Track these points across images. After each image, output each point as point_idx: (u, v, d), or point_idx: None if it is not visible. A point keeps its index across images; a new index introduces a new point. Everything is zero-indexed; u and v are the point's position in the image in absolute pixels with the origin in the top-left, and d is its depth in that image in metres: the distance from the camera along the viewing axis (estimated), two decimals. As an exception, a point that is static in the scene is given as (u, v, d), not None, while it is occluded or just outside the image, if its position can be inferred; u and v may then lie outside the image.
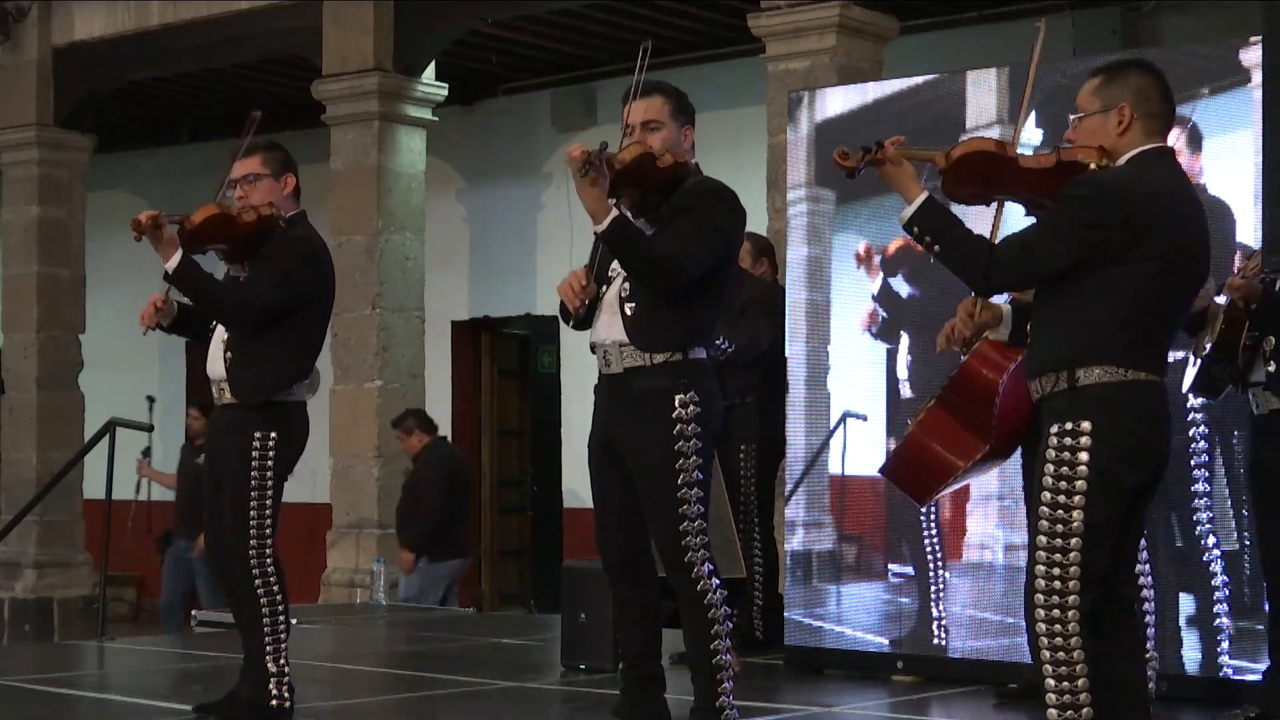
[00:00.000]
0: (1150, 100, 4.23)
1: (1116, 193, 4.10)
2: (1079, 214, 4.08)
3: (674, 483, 4.88)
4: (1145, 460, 4.14)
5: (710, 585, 4.91)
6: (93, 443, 9.92)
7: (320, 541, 11.20)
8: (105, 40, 12.41)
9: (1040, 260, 4.13)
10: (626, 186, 4.91)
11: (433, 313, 11.69)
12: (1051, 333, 4.18)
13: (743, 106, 10.99)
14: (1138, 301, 4.08)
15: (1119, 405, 4.07)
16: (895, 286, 6.94)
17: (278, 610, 5.52)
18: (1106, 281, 4.07)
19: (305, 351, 5.60)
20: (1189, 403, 6.06)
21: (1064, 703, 4.05)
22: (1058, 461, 4.09)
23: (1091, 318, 4.09)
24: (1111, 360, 4.07)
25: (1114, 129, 4.20)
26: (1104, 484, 4.05)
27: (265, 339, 5.50)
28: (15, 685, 6.87)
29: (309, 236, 5.64)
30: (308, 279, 5.55)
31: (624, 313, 4.93)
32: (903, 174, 4.25)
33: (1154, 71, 4.28)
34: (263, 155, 5.64)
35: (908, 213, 4.21)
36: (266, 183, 5.61)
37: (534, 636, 8.75)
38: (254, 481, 5.48)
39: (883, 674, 6.85)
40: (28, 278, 12.68)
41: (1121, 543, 4.15)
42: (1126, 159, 4.19)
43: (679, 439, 4.88)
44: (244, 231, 5.54)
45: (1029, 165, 4.25)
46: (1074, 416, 4.08)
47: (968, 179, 4.27)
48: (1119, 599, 4.18)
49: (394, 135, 11.11)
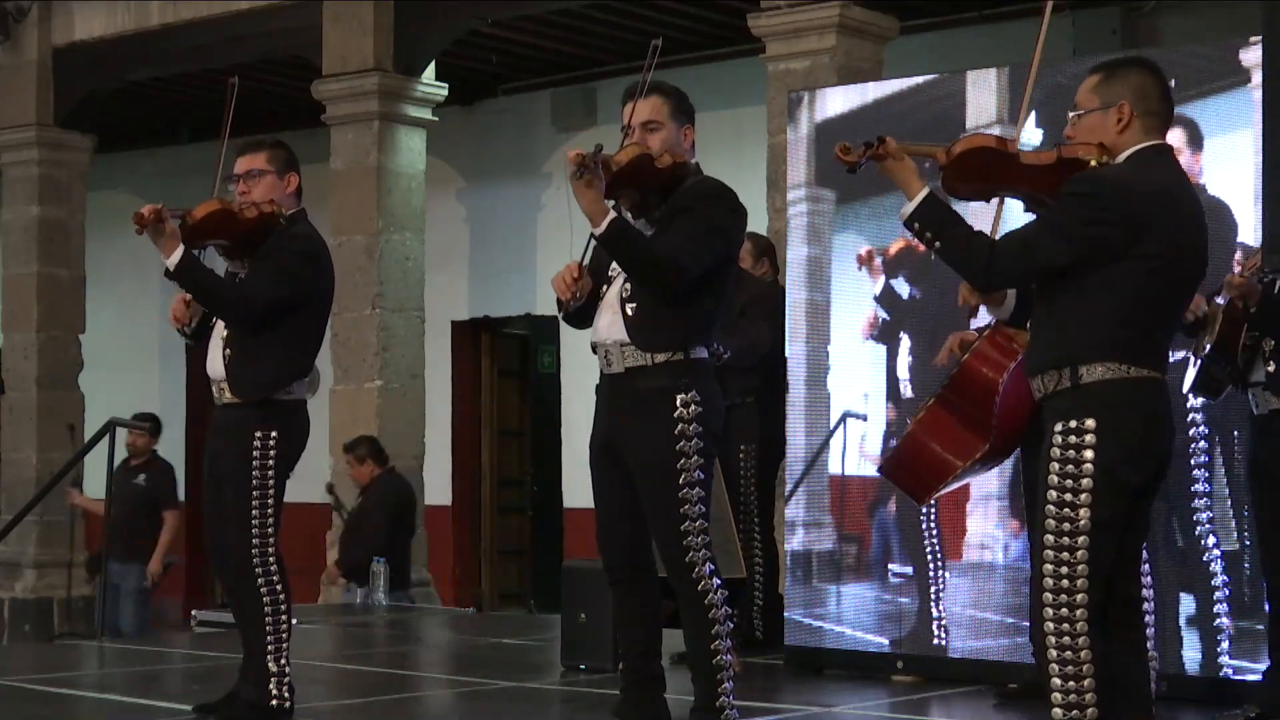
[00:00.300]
0: (1150, 98, 4.22)
1: (1118, 190, 4.10)
2: (1080, 211, 4.08)
3: (675, 482, 4.87)
4: (1148, 458, 4.14)
5: (711, 585, 4.91)
6: (93, 443, 9.91)
7: (320, 542, 11.19)
8: (105, 40, 12.41)
9: (1041, 257, 4.13)
10: (625, 188, 4.91)
11: (433, 313, 11.69)
12: (1052, 331, 4.18)
13: (743, 106, 10.99)
14: (1139, 299, 4.08)
15: (1122, 403, 4.07)
16: (896, 287, 6.94)
17: (280, 610, 5.51)
18: (1107, 279, 4.07)
19: (305, 350, 5.60)
20: (1188, 403, 6.06)
21: (1069, 702, 4.04)
22: (1063, 460, 4.09)
23: (1092, 316, 4.09)
24: (1114, 358, 4.07)
25: (1113, 127, 4.20)
26: (1108, 482, 4.05)
27: (265, 337, 5.49)
28: (15, 685, 6.87)
29: (310, 234, 5.63)
30: (309, 277, 5.55)
31: (625, 312, 4.93)
32: (904, 169, 4.25)
33: (1154, 70, 4.28)
34: (268, 152, 5.64)
35: (908, 209, 4.21)
36: (269, 179, 5.60)
37: (534, 636, 8.75)
38: (255, 481, 5.47)
39: (883, 674, 6.85)
40: (28, 278, 12.68)
41: (1125, 541, 4.15)
42: (1126, 156, 4.19)
43: (680, 439, 4.87)
44: (245, 228, 5.54)
45: (1030, 162, 4.25)
46: (1078, 414, 4.08)
47: (968, 175, 4.27)
48: (1123, 598, 4.17)
49: (394, 135, 11.11)
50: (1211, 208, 6.17)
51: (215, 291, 5.51)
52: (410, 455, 11.14)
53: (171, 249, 5.39)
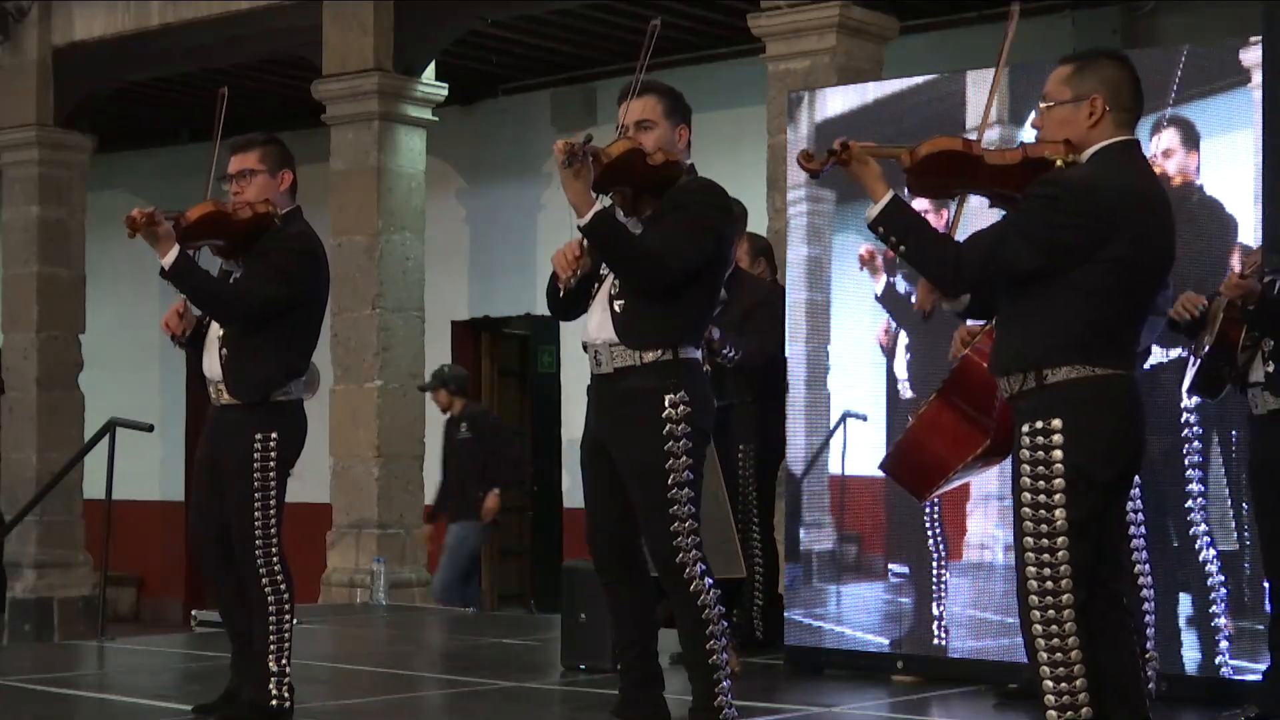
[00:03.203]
0: (1122, 93, 4.19)
1: (1085, 193, 4.06)
2: (1046, 215, 4.06)
3: (665, 483, 4.86)
4: (1118, 454, 4.12)
5: (704, 585, 4.90)
6: (93, 443, 9.92)
7: (320, 541, 11.20)
8: (105, 40, 12.41)
9: (1008, 261, 4.10)
10: (616, 183, 4.90)
11: (433, 313, 11.69)
12: (1017, 332, 4.16)
13: (743, 106, 10.99)
14: (1104, 301, 4.06)
15: (1088, 401, 4.06)
16: (897, 286, 6.93)
17: (284, 610, 5.51)
18: (1073, 281, 4.05)
19: (301, 349, 5.60)
20: (1182, 403, 6.07)
21: (1063, 704, 4.04)
22: (1033, 461, 4.08)
23: (1058, 317, 4.06)
24: (1079, 359, 4.05)
25: (1085, 121, 4.16)
26: (1080, 480, 4.04)
27: (261, 337, 5.49)
28: (15, 685, 6.87)
29: (305, 233, 5.63)
30: (305, 276, 5.55)
31: (614, 310, 4.93)
32: (868, 173, 4.24)
33: (1126, 63, 4.24)
34: (260, 151, 5.63)
35: (873, 212, 4.20)
36: (262, 179, 5.59)
37: (534, 636, 8.75)
38: (257, 482, 5.47)
39: (883, 674, 6.85)
40: (28, 278, 12.68)
41: (1104, 537, 4.15)
42: (1093, 152, 4.15)
43: (669, 439, 4.87)
44: (239, 228, 5.54)
45: (995, 162, 4.23)
46: (1044, 415, 4.07)
47: (933, 176, 4.27)
48: (1106, 593, 4.16)
49: (394, 135, 11.11)
50: (1209, 207, 6.19)
51: (212, 292, 5.51)
52: (410, 455, 11.14)
53: (166, 249, 5.39)
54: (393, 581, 10.65)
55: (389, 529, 10.91)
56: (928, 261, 4.20)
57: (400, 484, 11.02)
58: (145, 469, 14.30)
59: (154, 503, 14.90)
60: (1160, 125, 6.21)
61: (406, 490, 11.09)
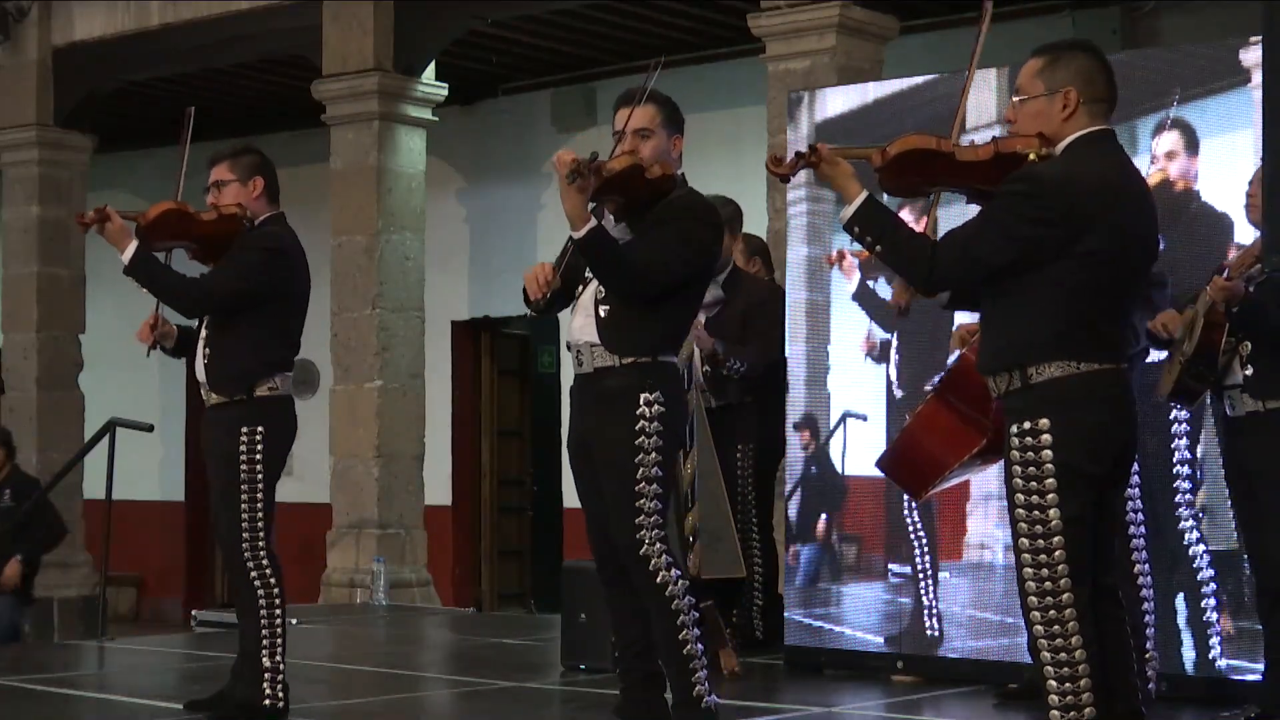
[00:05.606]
0: (1095, 84, 4.19)
1: (1058, 187, 4.06)
2: (1020, 210, 4.06)
3: (632, 477, 4.92)
4: (1107, 449, 4.12)
5: (670, 577, 4.93)
6: (93, 443, 9.92)
7: (320, 541, 11.20)
8: (105, 40, 12.40)
9: (983, 257, 4.10)
10: (611, 193, 4.98)
11: (433, 313, 11.69)
12: (1000, 332, 4.17)
13: (743, 106, 10.99)
14: (1084, 295, 4.06)
15: (1075, 398, 4.06)
16: (876, 288, 6.93)
17: (275, 605, 5.55)
18: (1051, 277, 4.05)
19: (279, 344, 5.68)
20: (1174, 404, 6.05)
21: (1066, 704, 4.04)
22: (1023, 461, 4.09)
23: (1039, 315, 4.07)
24: (1063, 355, 4.06)
25: (1058, 113, 4.16)
26: (1071, 477, 4.05)
27: (236, 333, 5.61)
28: (15, 685, 6.87)
29: (275, 233, 5.74)
30: (269, 272, 5.62)
31: (598, 314, 5.01)
32: (840, 173, 4.25)
33: (1098, 54, 4.24)
34: (229, 161, 5.77)
35: (847, 212, 4.22)
36: (233, 187, 5.72)
37: (534, 636, 8.75)
38: (243, 477, 5.53)
39: (882, 674, 6.85)
40: (28, 278, 12.68)
41: (1098, 532, 4.15)
42: (1066, 144, 4.15)
43: (641, 435, 4.93)
44: (205, 229, 5.67)
45: (967, 158, 4.23)
46: (1031, 414, 4.08)
47: (905, 174, 4.27)
48: (1101, 587, 4.17)
49: (394, 135, 11.10)
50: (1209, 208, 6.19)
51: (170, 285, 5.64)
52: (410, 455, 11.14)
53: (124, 245, 5.52)
54: (393, 581, 10.65)
55: (389, 529, 10.90)
56: (903, 260, 4.21)
57: (401, 484, 11.02)
58: (145, 469, 14.30)
59: (154, 503, 14.90)
60: (1163, 126, 6.21)
61: (407, 490, 11.09)
